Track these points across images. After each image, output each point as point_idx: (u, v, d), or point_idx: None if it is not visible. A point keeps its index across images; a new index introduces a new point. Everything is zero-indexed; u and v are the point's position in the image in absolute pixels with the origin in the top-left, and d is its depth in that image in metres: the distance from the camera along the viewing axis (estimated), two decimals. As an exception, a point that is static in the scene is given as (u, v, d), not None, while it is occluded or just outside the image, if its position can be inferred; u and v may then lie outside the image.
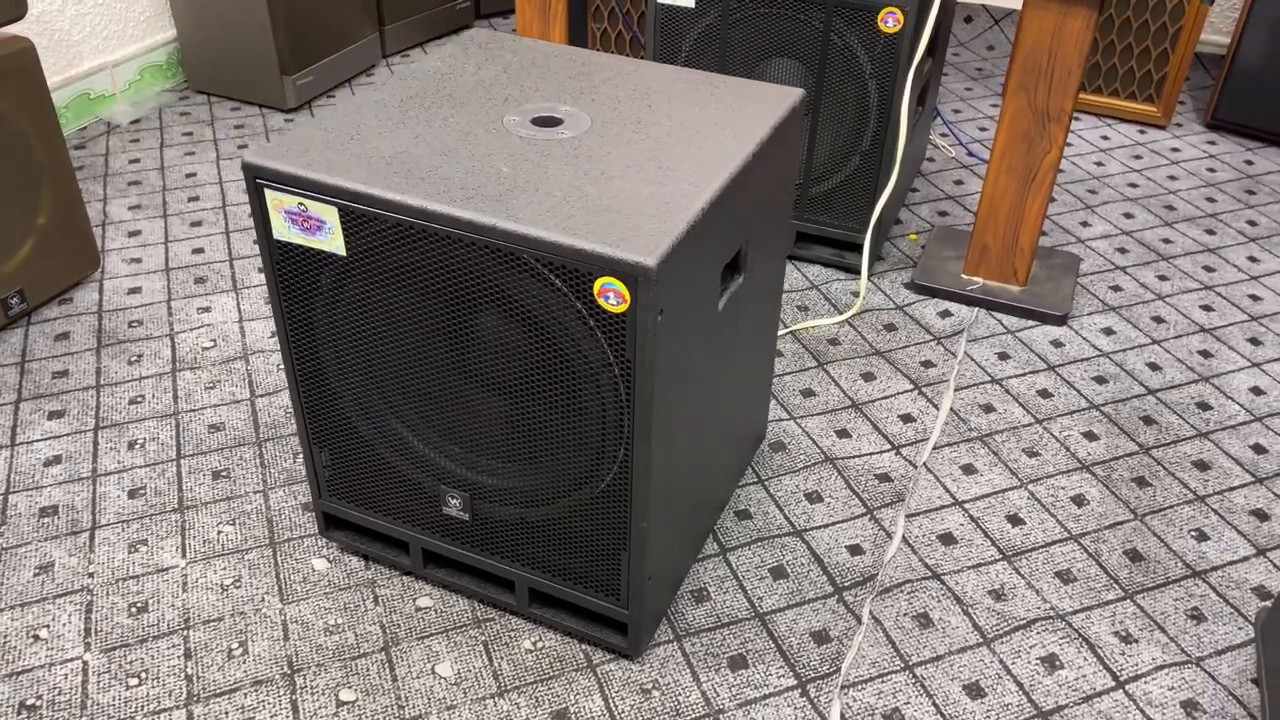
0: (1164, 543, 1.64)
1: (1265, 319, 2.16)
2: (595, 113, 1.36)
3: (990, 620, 1.51)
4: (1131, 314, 2.17)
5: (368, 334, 1.31)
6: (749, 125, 1.34)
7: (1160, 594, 1.56)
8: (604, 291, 1.11)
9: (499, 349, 1.24)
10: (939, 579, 1.57)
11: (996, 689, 1.42)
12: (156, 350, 1.98)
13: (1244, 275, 2.30)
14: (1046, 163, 2.02)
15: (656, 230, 1.12)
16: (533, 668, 1.43)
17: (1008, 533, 1.65)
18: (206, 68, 2.85)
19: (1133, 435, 1.85)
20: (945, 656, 1.46)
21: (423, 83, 1.42)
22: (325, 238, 1.24)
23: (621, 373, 1.17)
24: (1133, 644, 1.48)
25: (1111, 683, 1.43)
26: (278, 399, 1.87)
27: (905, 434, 1.84)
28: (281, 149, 1.24)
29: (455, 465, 1.38)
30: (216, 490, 1.68)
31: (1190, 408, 1.92)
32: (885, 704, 1.39)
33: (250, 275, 2.19)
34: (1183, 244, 2.40)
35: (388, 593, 1.52)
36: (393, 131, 1.29)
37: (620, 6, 2.72)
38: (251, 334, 2.02)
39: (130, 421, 1.81)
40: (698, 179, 1.22)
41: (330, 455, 1.47)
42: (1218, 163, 2.76)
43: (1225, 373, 2.01)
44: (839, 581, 1.56)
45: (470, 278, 1.19)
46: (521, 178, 1.21)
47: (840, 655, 1.45)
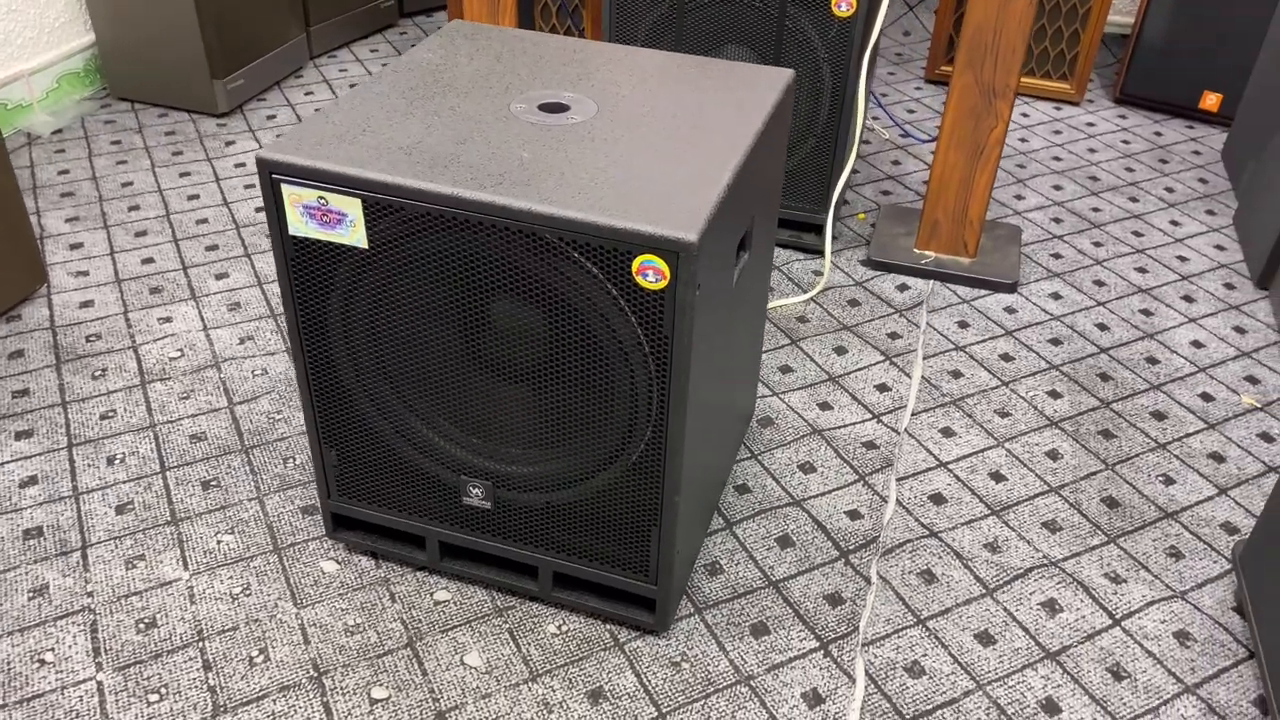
0: (1136, 489, 1.74)
1: (1194, 278, 2.30)
2: (600, 98, 1.38)
3: (990, 572, 1.58)
4: (1074, 279, 2.28)
5: (385, 328, 1.31)
6: (752, 105, 1.38)
7: (1140, 536, 1.65)
8: (643, 269, 1.14)
9: (524, 335, 1.25)
10: (936, 537, 1.64)
11: (1005, 635, 1.49)
12: (120, 363, 1.91)
13: (1169, 238, 2.44)
14: (993, 137, 2.12)
15: (691, 206, 1.14)
16: (561, 651, 1.44)
17: (993, 489, 1.73)
18: (129, 74, 2.76)
19: (1093, 391, 1.95)
20: (953, 609, 1.52)
21: (420, 75, 1.42)
22: (345, 231, 1.23)
23: (653, 350, 1.20)
24: (1122, 584, 1.57)
25: (1109, 621, 1.51)
26: (258, 405, 1.83)
27: (883, 403, 1.90)
28: (296, 143, 1.23)
29: (476, 456, 1.38)
30: (209, 500, 1.64)
31: (1140, 363, 2.03)
32: (904, 657, 1.45)
33: (208, 283, 2.13)
34: (1110, 212, 2.54)
35: (404, 589, 1.51)
36: (403, 123, 1.29)
37: (567, 4, 2.73)
38: (219, 342, 1.98)
39: (105, 437, 1.75)
40: (716, 157, 1.25)
41: (339, 454, 1.46)
42: (1131, 135, 2.91)
43: (1167, 329, 2.13)
44: (844, 546, 1.61)
45: (497, 264, 1.20)
46: (544, 162, 1.22)
47: (855, 615, 1.51)
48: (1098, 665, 1.45)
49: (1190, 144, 2.88)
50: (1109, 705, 1.40)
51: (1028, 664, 1.45)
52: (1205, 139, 2.91)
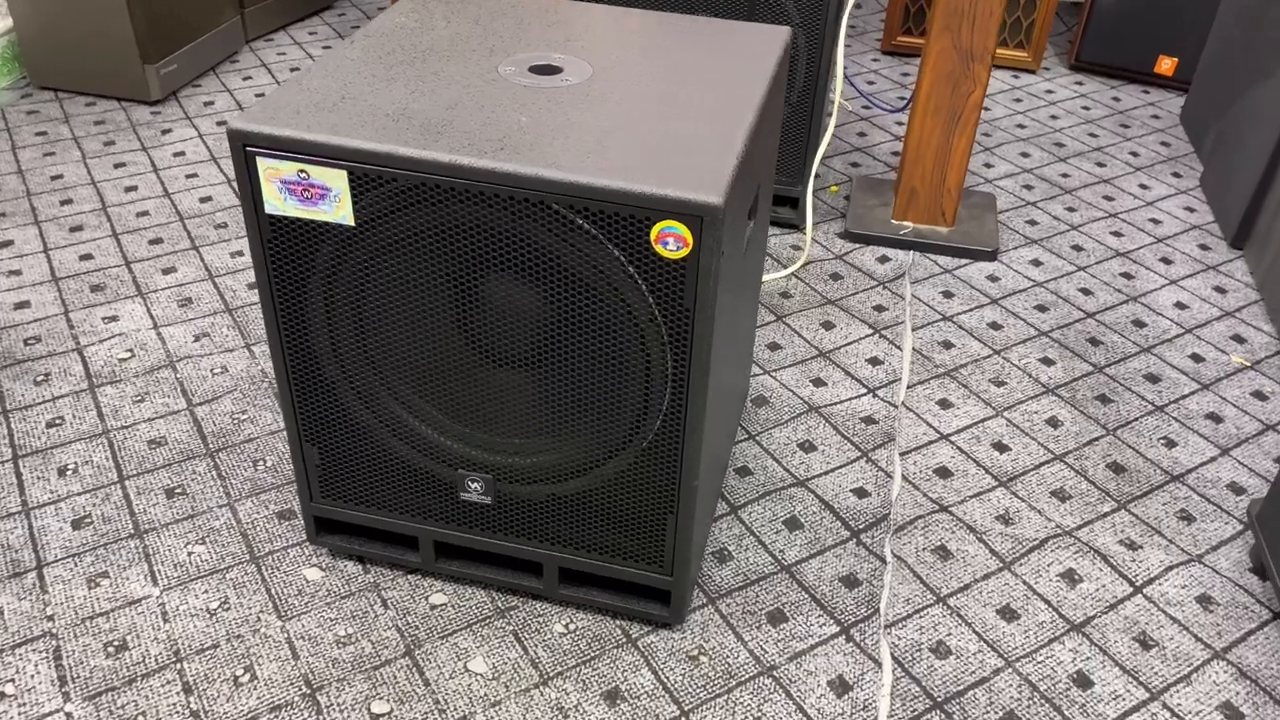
0: (1139, 453, 1.71)
1: (1169, 240, 2.29)
2: (592, 59, 1.29)
3: (1005, 545, 1.53)
4: (1052, 245, 2.25)
5: (372, 314, 1.20)
6: (753, 65, 1.30)
7: (1149, 501, 1.62)
8: (663, 237, 1.05)
9: (526, 314, 1.16)
10: (947, 511, 1.58)
11: (1028, 609, 1.44)
12: (65, 367, 1.77)
13: (1140, 201, 2.43)
14: (971, 102, 2.07)
15: (711, 167, 1.06)
16: (571, 650, 1.35)
17: (997, 460, 1.68)
18: (52, 61, 2.58)
19: (1084, 357, 1.92)
20: (972, 585, 1.47)
21: (395, 39, 1.31)
22: (329, 207, 1.12)
23: (670, 324, 1.12)
24: (1138, 550, 1.53)
25: (1129, 589, 1.47)
26: (220, 406, 1.71)
27: (877, 376, 1.85)
28: (272, 112, 1.12)
29: (474, 449, 1.28)
30: (174, 509, 1.52)
31: (1128, 326, 2.01)
32: (929, 638, 1.39)
33: (154, 278, 1.99)
34: (1079, 177, 2.52)
35: (396, 594, 1.41)
36: (385, 88, 1.18)
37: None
38: (172, 340, 1.84)
39: (54, 446, 1.62)
40: (726, 117, 1.17)
41: (320, 453, 1.35)
42: (1090, 101, 2.90)
43: (1149, 291, 2.11)
44: (853, 525, 1.55)
45: (497, 237, 1.10)
46: (544, 126, 1.13)
47: (874, 597, 1.44)
48: (1124, 635, 1.41)
49: (1149, 108, 2.87)
50: (1141, 675, 1.35)
51: (1054, 637, 1.40)
52: (1162, 103, 2.91)
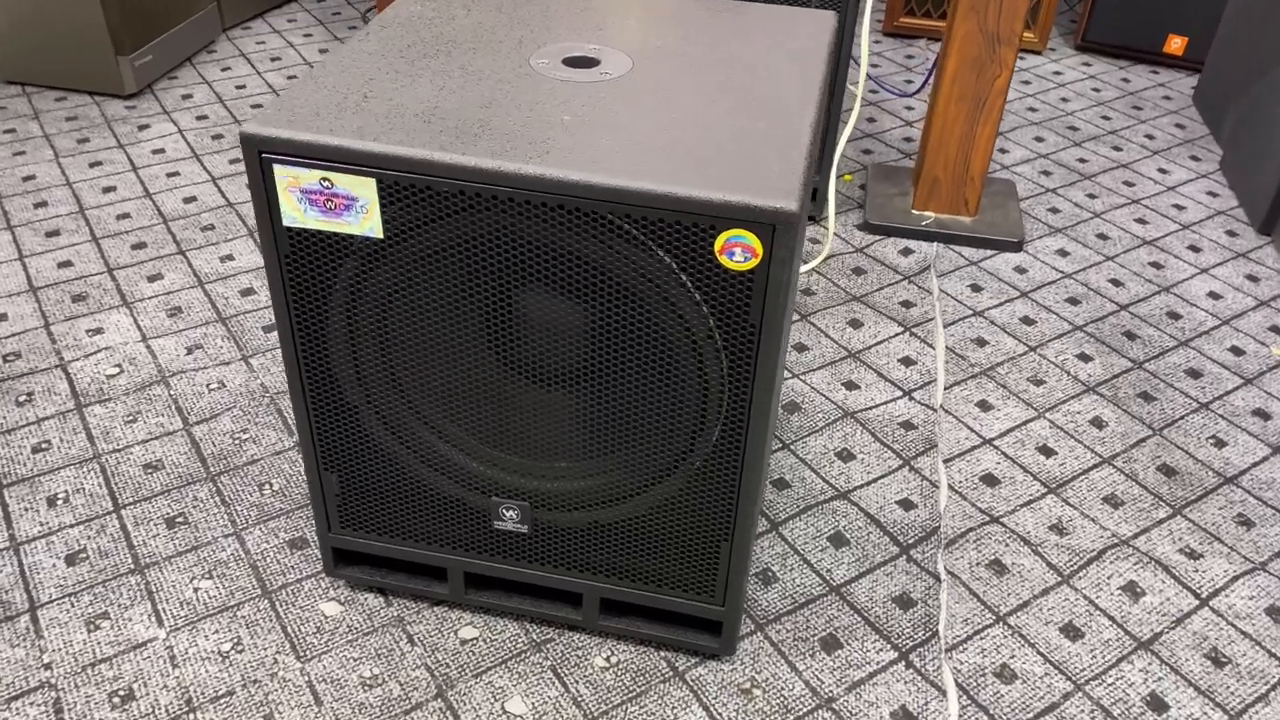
0: (1189, 454, 1.64)
1: (1195, 226, 2.22)
2: (630, 50, 1.18)
3: (1061, 557, 1.46)
4: (1077, 233, 2.17)
5: (399, 333, 1.10)
6: (805, 52, 1.20)
7: (1204, 505, 1.55)
8: (728, 248, 0.96)
9: (570, 331, 1.06)
10: (998, 522, 1.50)
11: (1091, 626, 1.36)
12: (49, 385, 1.65)
13: (1161, 187, 2.36)
14: (997, 87, 1.98)
15: (780, 170, 0.97)
16: (615, 687, 1.26)
17: (1044, 465, 1.60)
18: (19, 54, 2.44)
19: (1122, 352, 1.85)
20: (1031, 602, 1.39)
21: (414, 30, 1.20)
22: (355, 219, 1.02)
23: (729, 339, 1.02)
24: (1199, 559, 1.46)
25: (1195, 601, 1.40)
26: (219, 424, 1.59)
27: (911, 378, 1.76)
28: (289, 114, 1.01)
29: (510, 475, 1.18)
30: (177, 541, 1.41)
31: (1162, 319, 1.93)
32: (991, 661, 1.31)
33: (139, 286, 1.87)
34: (1097, 162, 2.44)
35: (423, 629, 1.31)
36: (411, 85, 1.08)
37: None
38: (163, 353, 1.72)
39: (41, 473, 1.50)
40: (785, 113, 1.07)
41: (340, 481, 1.24)
42: (1099, 82, 2.83)
43: (1180, 281, 2.04)
44: (902, 540, 1.47)
45: (540, 249, 1.00)
46: (589, 126, 1.02)
47: (930, 618, 1.36)
48: (1194, 652, 1.34)
49: (1159, 89, 2.80)
50: (1216, 696, 1.28)
51: (1122, 656, 1.33)
52: (1173, 83, 2.84)
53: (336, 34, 2.84)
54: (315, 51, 2.74)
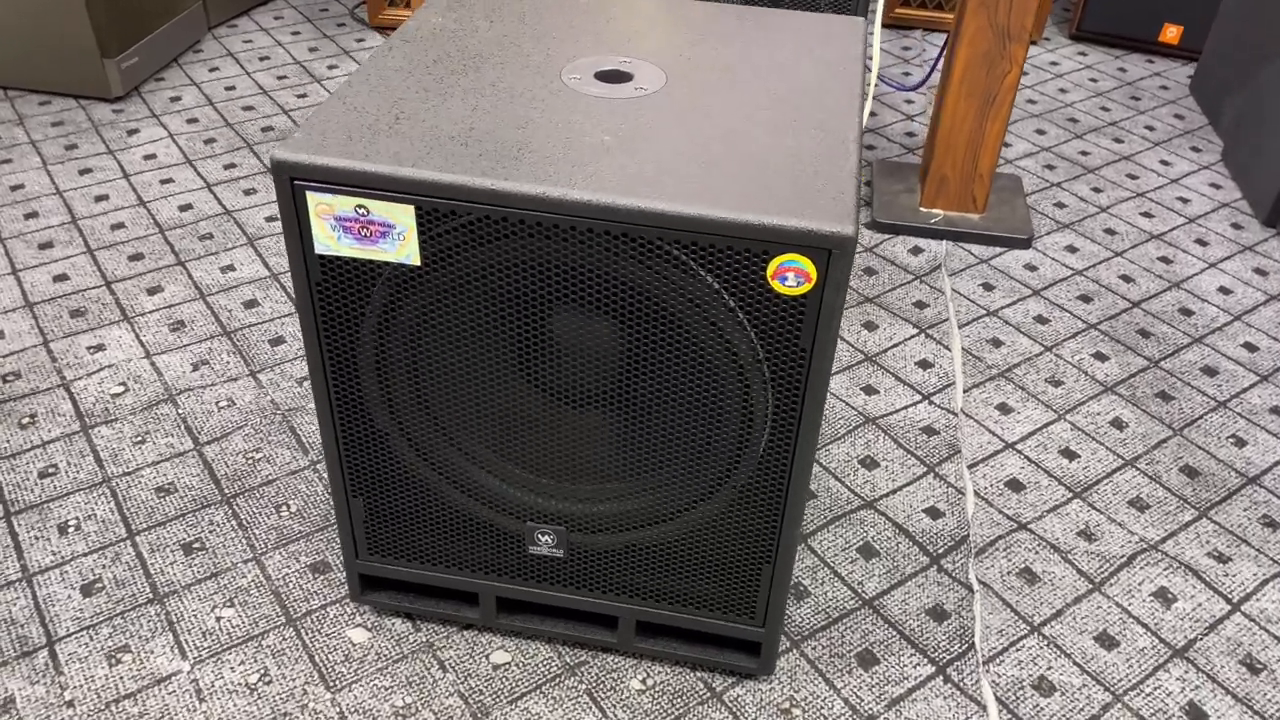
0: (1210, 454, 1.63)
1: (1201, 219, 2.21)
2: (661, 62, 1.15)
3: (1091, 564, 1.45)
4: (1084, 229, 2.17)
5: (432, 358, 1.07)
6: (836, 63, 1.18)
7: (1228, 507, 1.55)
8: (781, 272, 0.93)
9: (609, 353, 1.03)
10: (1026, 529, 1.49)
11: (1126, 634, 1.36)
12: (52, 406, 1.60)
13: (1164, 179, 2.35)
14: (1007, 83, 1.97)
15: (832, 191, 0.94)
16: (653, 710, 1.24)
17: (1067, 468, 1.60)
18: (1, 57, 2.37)
19: (1137, 350, 1.84)
20: (1065, 611, 1.38)
21: (437, 44, 1.17)
22: (391, 246, 0.98)
23: (775, 362, 1.00)
24: (1228, 562, 1.46)
25: (1227, 606, 1.40)
26: (231, 444, 1.56)
27: (930, 381, 1.75)
28: (320, 138, 0.97)
29: (546, 498, 1.16)
30: (195, 568, 1.38)
31: (1174, 315, 1.93)
32: (1029, 673, 1.30)
33: (139, 299, 1.82)
34: (1100, 155, 2.43)
35: (453, 654, 1.29)
36: (442, 105, 1.04)
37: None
38: (168, 370, 1.68)
39: (49, 500, 1.46)
40: (828, 127, 1.05)
41: (368, 507, 1.21)
42: (1096, 73, 2.82)
43: (1190, 276, 2.04)
44: (931, 550, 1.46)
45: (579, 274, 0.97)
46: (632, 147, 1.00)
47: (965, 630, 1.35)
48: (1229, 658, 1.33)
49: (1156, 79, 2.80)
50: (1254, 704, 1.28)
51: (1158, 665, 1.32)
52: (1169, 73, 2.84)
53: (325, 31, 2.79)
54: (305, 50, 2.68)
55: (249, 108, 2.42)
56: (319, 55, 2.66)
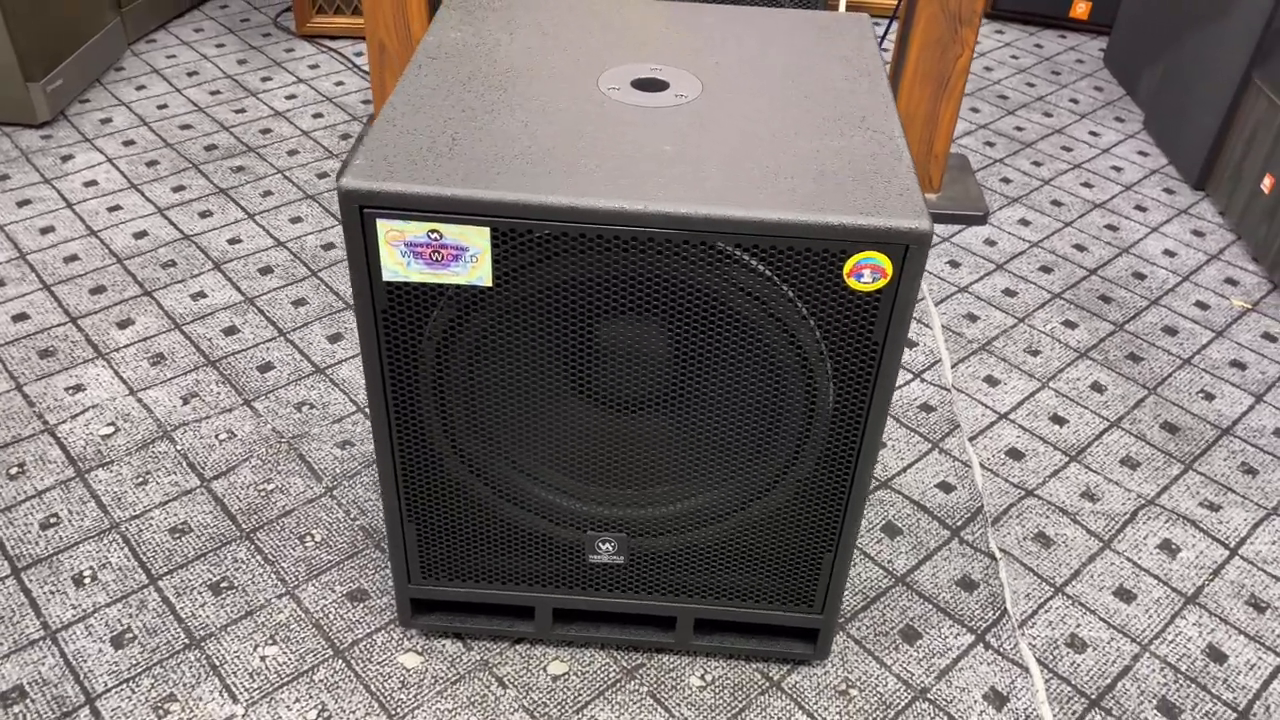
0: (1185, 409, 1.73)
1: (1136, 186, 2.33)
2: (691, 67, 1.16)
3: (1098, 523, 1.52)
4: (1033, 202, 2.26)
5: (493, 378, 1.06)
6: (859, 59, 1.21)
7: (1210, 458, 1.64)
8: (858, 270, 0.96)
9: (670, 358, 1.05)
10: (1034, 495, 1.56)
11: (1140, 587, 1.43)
12: (39, 453, 1.53)
13: (1096, 149, 2.47)
14: (959, 66, 2.03)
15: (899, 188, 0.97)
16: (717, 704, 1.26)
17: (1059, 433, 1.67)
18: (-89, 86, 2.23)
19: (1102, 316, 1.93)
20: (1082, 570, 1.45)
21: (465, 60, 1.15)
22: (463, 268, 0.97)
23: (843, 357, 1.03)
24: (1219, 510, 1.55)
25: (1225, 552, 1.49)
26: (239, 477, 1.51)
27: (917, 359, 1.81)
28: (386, 165, 0.96)
29: (606, 506, 1.16)
30: (227, 607, 1.34)
31: (1129, 280, 2.03)
32: (1060, 633, 1.37)
33: (110, 334, 1.75)
34: (1034, 129, 2.54)
35: (510, 669, 1.28)
36: (493, 122, 1.04)
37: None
38: (158, 406, 1.62)
39: (58, 551, 1.39)
40: (874, 126, 1.08)
41: (419, 532, 1.20)
42: (1016, 50, 2.93)
43: (1136, 241, 2.15)
44: (950, 523, 1.51)
45: (647, 283, 0.98)
46: (693, 155, 1.01)
47: (995, 597, 1.41)
48: (1236, 600, 1.42)
49: (1071, 53, 2.93)
50: (1265, 640, 1.37)
51: (1175, 613, 1.40)
52: (1081, 47, 2.97)
53: (250, 42, 2.70)
54: (233, 63, 2.59)
55: (186, 126, 2.33)
56: (249, 68, 2.58)
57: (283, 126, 2.35)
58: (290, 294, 1.86)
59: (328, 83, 2.54)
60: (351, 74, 2.58)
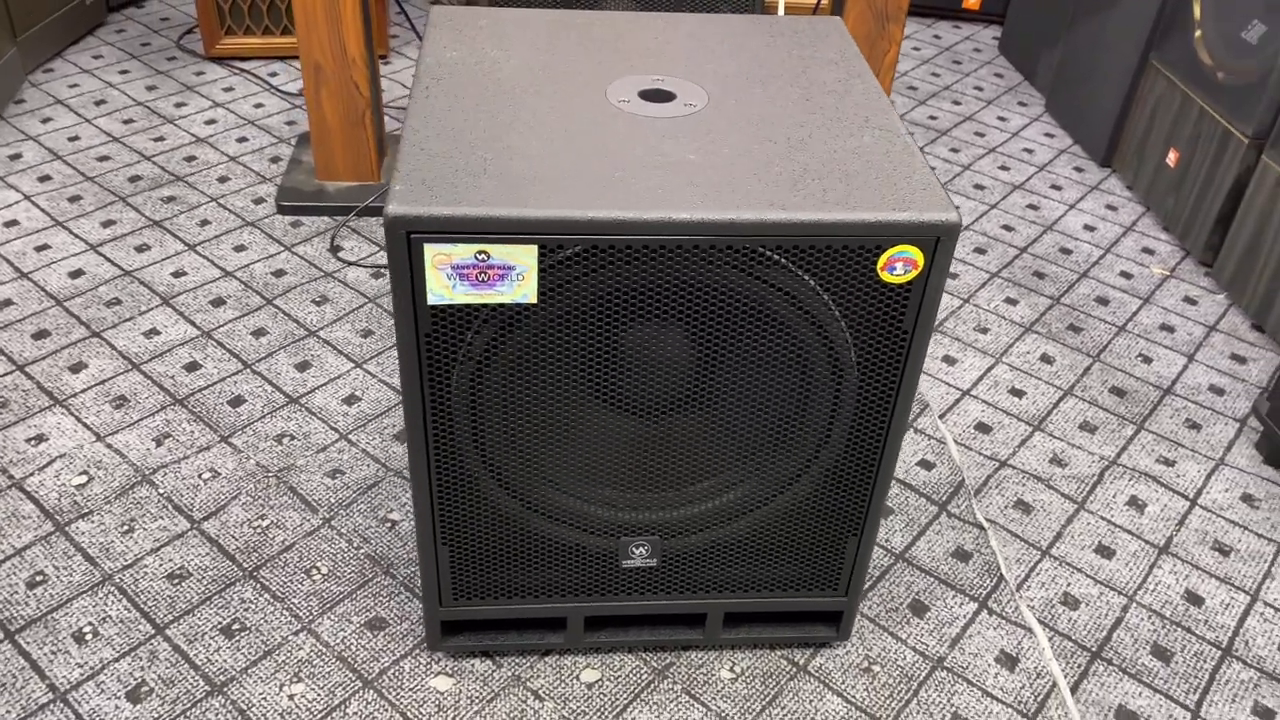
0: (1128, 374, 1.85)
1: (1049, 167, 2.46)
2: (693, 77, 1.19)
3: (1070, 487, 1.62)
4: (957, 187, 2.36)
5: (528, 395, 1.07)
6: (842, 62, 1.26)
7: (1158, 417, 1.76)
8: (891, 263, 1.00)
9: (703, 361, 1.07)
10: (1008, 465, 1.64)
11: (1117, 542, 1.53)
12: (11, 509, 1.46)
13: (1007, 133, 2.60)
14: (888, 61, 2.11)
15: (920, 183, 1.02)
16: (750, 694, 1.29)
17: (1020, 405, 1.76)
18: None
19: (1039, 291, 2.04)
20: (1063, 532, 1.54)
21: (467, 80, 1.16)
22: (509, 287, 0.98)
23: (869, 347, 1.07)
24: (1174, 465, 1.67)
25: (1186, 503, 1.60)
26: (230, 515, 1.47)
27: (878, 345, 1.87)
28: (428, 190, 0.96)
29: (640, 511, 1.18)
30: (243, 650, 1.31)
31: (1058, 255, 2.15)
32: (1052, 593, 1.45)
33: (64, 379, 1.68)
34: (946, 118, 2.65)
35: (544, 682, 1.29)
36: (519, 142, 1.04)
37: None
38: (130, 450, 1.56)
39: (50, 610, 1.34)
40: (879, 125, 1.12)
41: (452, 554, 1.20)
42: (916, 41, 3.05)
43: (1058, 219, 2.27)
44: (936, 498, 1.58)
45: (684, 290, 1.01)
46: (720, 162, 1.04)
47: (988, 565, 1.48)
48: (1203, 547, 1.53)
49: (968, 43, 3.06)
50: (1234, 580, 1.48)
51: (1152, 564, 1.50)
52: (976, 36, 3.11)
53: (155, 66, 2.61)
54: (142, 89, 2.50)
55: (104, 158, 2.24)
56: (161, 93, 2.49)
57: (207, 153, 2.28)
58: (248, 324, 1.82)
59: (246, 105, 2.47)
60: (270, 96, 2.52)
